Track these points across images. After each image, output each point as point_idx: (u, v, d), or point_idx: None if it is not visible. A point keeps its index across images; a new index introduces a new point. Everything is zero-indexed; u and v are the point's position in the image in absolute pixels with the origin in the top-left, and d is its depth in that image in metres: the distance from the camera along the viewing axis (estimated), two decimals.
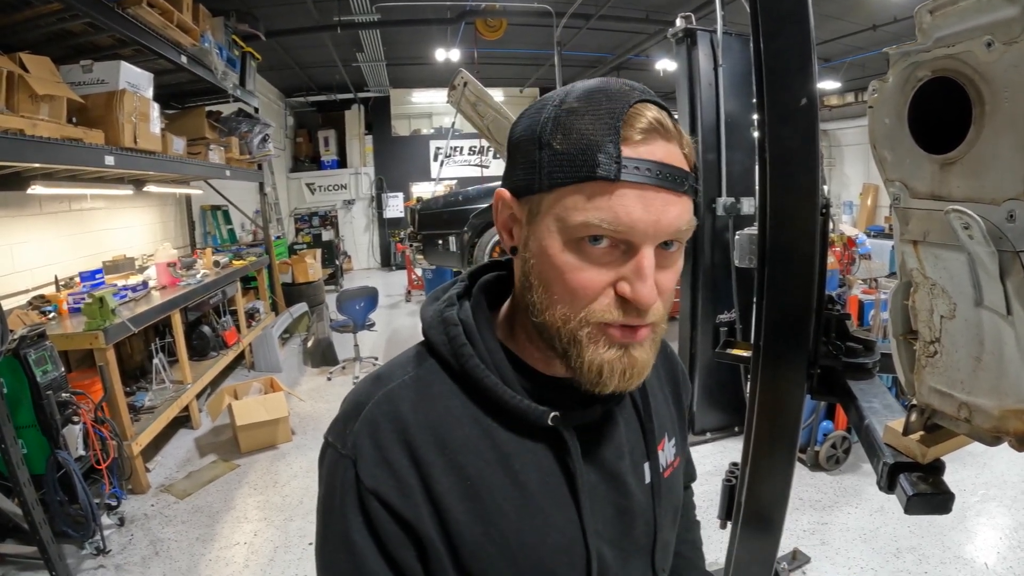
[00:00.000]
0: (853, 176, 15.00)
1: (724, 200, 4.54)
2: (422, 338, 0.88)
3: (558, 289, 0.73)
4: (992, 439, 1.06)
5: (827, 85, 11.96)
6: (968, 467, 4.22)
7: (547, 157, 0.71)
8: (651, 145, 0.69)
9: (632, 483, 0.89)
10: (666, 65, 10.77)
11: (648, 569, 0.93)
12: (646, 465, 0.92)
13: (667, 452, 0.98)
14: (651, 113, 0.70)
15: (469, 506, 0.76)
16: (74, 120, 4.06)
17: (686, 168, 0.72)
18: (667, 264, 0.74)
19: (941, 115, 0.92)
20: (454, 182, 14.45)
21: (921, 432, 1.26)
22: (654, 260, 0.70)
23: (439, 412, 0.79)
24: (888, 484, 1.28)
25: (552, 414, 0.78)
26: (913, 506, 1.23)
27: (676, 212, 0.70)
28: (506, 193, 0.79)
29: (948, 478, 1.19)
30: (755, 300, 1.80)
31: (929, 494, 1.22)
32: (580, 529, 0.81)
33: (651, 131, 0.70)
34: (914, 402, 1.21)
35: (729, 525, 2.31)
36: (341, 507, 0.77)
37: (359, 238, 16.20)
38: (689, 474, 1.28)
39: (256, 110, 8.10)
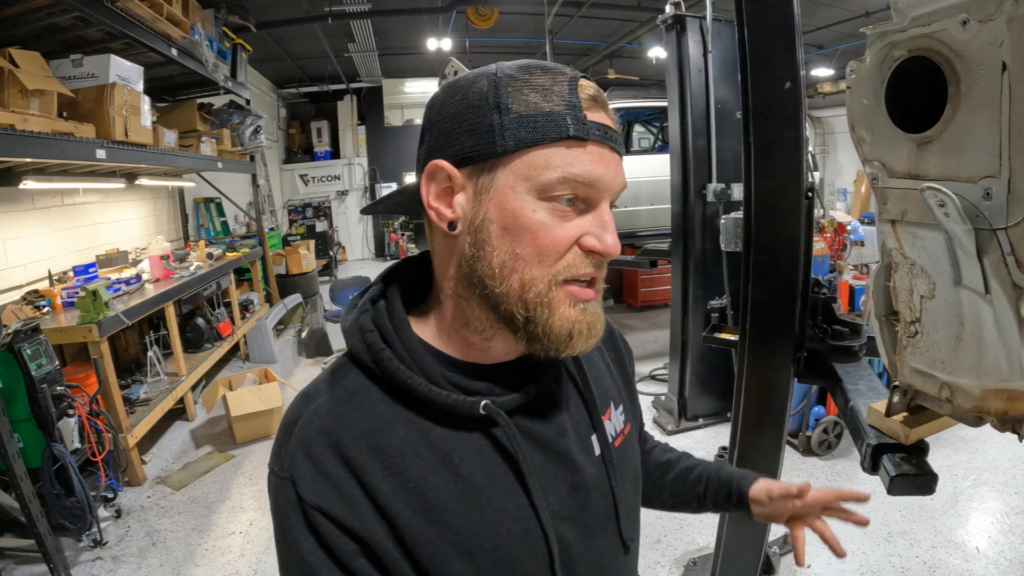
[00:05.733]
0: (847, 163, 14.99)
1: (714, 186, 4.53)
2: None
3: (528, 250, 0.74)
4: (974, 419, 1.07)
5: (820, 72, 11.95)
6: (960, 452, 4.25)
7: (509, 121, 0.73)
8: (598, 113, 0.76)
9: (580, 458, 0.88)
10: (658, 53, 10.71)
11: (616, 541, 0.93)
12: (593, 437, 0.92)
13: (615, 421, 0.98)
14: (592, 88, 0.77)
15: (416, 509, 0.75)
16: (65, 114, 4.04)
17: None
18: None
19: (918, 94, 0.93)
20: None
21: (904, 413, 1.27)
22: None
23: (371, 420, 0.78)
24: (871, 465, 1.29)
25: (483, 402, 0.79)
26: (896, 486, 1.24)
27: (622, 171, 0.78)
28: (444, 163, 0.77)
29: (940, 463, 1.20)
30: (741, 284, 1.81)
31: (912, 475, 1.23)
32: (533, 513, 0.81)
33: (595, 100, 0.76)
34: (897, 383, 1.22)
35: None
36: (290, 531, 0.75)
37: (353, 229, 16.13)
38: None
39: (248, 102, 8.05)
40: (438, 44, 10.11)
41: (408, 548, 0.75)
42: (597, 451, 0.92)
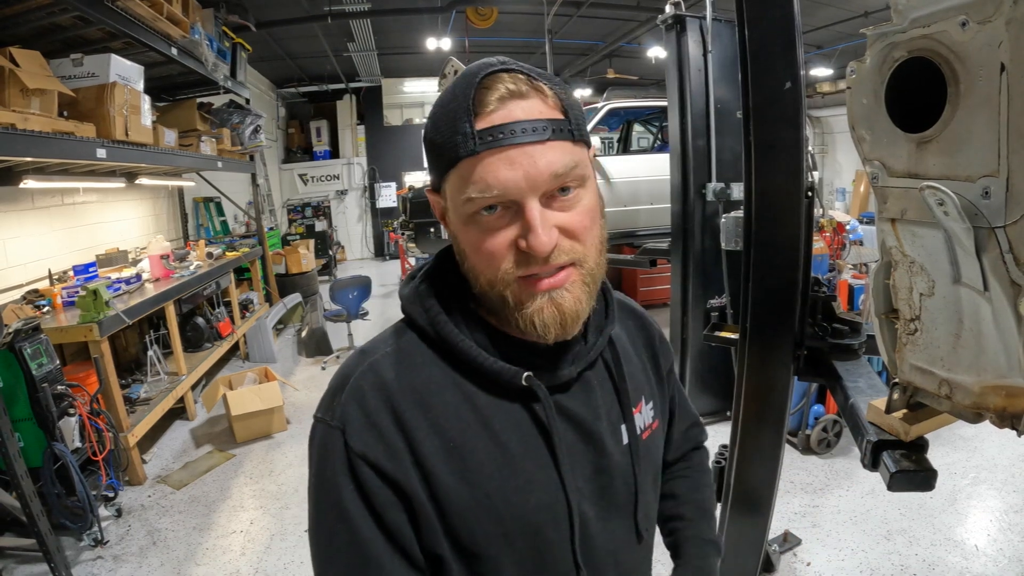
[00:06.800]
0: (846, 163, 15.01)
1: (714, 185, 4.54)
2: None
3: (475, 261, 0.80)
4: (973, 416, 1.08)
5: (820, 72, 11.95)
6: (959, 450, 4.25)
7: (433, 154, 0.80)
8: (506, 109, 0.75)
9: (609, 443, 0.92)
10: (658, 52, 10.71)
11: (631, 529, 0.96)
12: (623, 427, 0.95)
13: (644, 415, 1.01)
14: (502, 83, 0.76)
15: (454, 468, 0.80)
16: (65, 114, 4.04)
17: (551, 117, 0.77)
18: (568, 207, 0.79)
19: (917, 95, 0.93)
20: None
21: (904, 410, 1.28)
22: (539, 210, 0.75)
23: (422, 379, 0.83)
24: (872, 462, 1.30)
25: (525, 374, 0.83)
26: (896, 483, 1.25)
27: (548, 159, 0.75)
28: (432, 192, 0.88)
29: (939, 461, 1.21)
30: (741, 282, 1.82)
31: (912, 471, 1.24)
32: (561, 486, 0.85)
33: (503, 98, 0.75)
34: (896, 380, 1.23)
35: (719, 507, 2.33)
36: (332, 477, 0.79)
37: (352, 228, 16.15)
38: (697, 437, 1.26)
39: (247, 101, 8.06)
40: (438, 44, 10.11)
41: (441, 505, 0.79)
42: (625, 440, 0.95)
